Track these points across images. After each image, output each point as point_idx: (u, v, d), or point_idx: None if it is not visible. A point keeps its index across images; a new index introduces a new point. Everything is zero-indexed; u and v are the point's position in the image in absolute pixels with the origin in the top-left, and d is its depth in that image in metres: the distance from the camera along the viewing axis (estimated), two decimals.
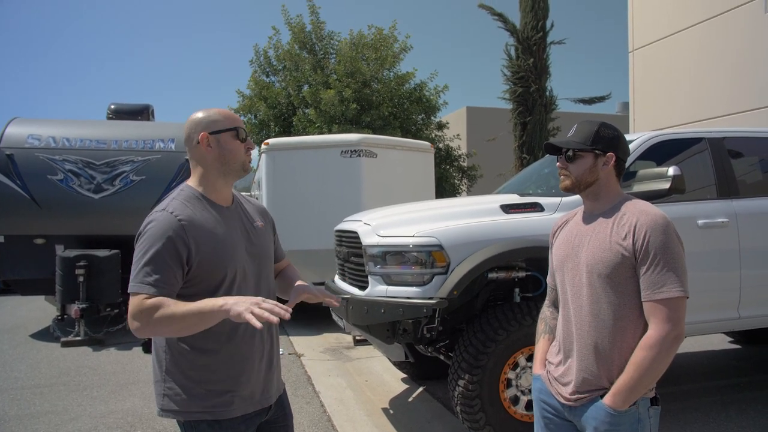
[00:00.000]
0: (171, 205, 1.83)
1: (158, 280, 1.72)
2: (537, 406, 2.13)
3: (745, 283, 4.23)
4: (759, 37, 10.58)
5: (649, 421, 1.86)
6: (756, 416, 4.45)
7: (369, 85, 15.14)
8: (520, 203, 4.05)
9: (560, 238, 2.12)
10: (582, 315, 1.94)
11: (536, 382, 2.14)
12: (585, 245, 1.96)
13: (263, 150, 8.60)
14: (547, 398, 2.07)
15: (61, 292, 7.62)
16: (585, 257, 1.94)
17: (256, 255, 1.96)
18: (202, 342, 1.82)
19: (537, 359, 2.17)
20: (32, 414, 4.87)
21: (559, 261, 2.07)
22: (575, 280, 1.98)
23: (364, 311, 3.82)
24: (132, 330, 1.75)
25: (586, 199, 2.04)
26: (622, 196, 2.00)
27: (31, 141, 8.31)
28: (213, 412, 1.83)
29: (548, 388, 2.06)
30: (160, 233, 1.75)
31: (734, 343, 6.89)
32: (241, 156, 1.93)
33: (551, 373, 2.06)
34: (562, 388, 1.99)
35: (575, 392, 1.93)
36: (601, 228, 1.94)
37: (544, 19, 15.28)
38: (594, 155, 1.98)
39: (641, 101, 13.56)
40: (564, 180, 2.03)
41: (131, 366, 6.47)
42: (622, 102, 28.97)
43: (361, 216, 4.59)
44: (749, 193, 4.49)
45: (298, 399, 5.11)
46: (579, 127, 2.03)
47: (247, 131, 1.97)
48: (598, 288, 1.89)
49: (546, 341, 2.18)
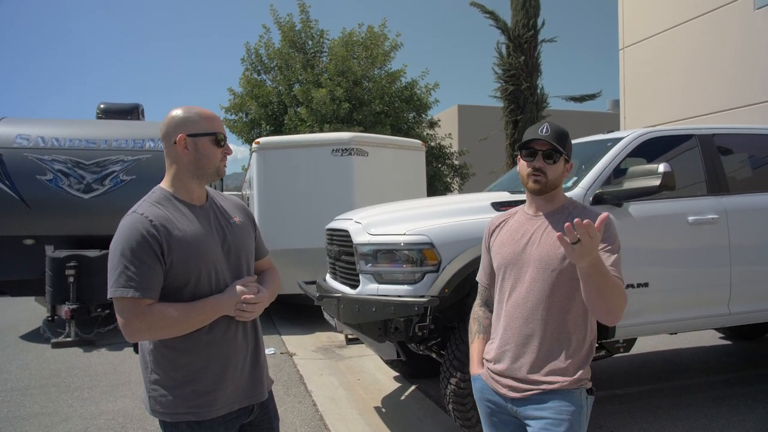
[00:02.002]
0: (141, 207, 1.84)
1: (140, 282, 1.72)
2: (481, 406, 2.14)
3: (735, 280, 4.25)
4: (749, 35, 10.64)
5: (587, 409, 1.99)
6: (746, 411, 4.48)
7: (360, 83, 15.13)
8: (511, 201, 4.05)
9: (501, 237, 2.14)
10: (531, 309, 1.98)
11: (477, 382, 2.15)
12: (536, 242, 2.01)
13: (254, 149, 8.57)
14: (490, 396, 2.08)
15: (51, 292, 7.57)
16: (537, 253, 1.99)
17: (232, 252, 1.95)
18: (184, 342, 1.82)
19: (474, 359, 2.18)
20: (22, 416, 4.84)
21: (504, 259, 2.08)
22: (523, 276, 2.01)
23: (355, 310, 3.82)
24: (124, 334, 1.76)
25: (541, 201, 2.07)
26: (568, 200, 2.11)
27: (20, 141, 8.24)
28: (197, 412, 1.83)
29: (490, 385, 2.07)
30: (132, 233, 1.75)
31: (724, 339, 6.93)
32: (216, 162, 1.91)
33: (492, 370, 2.07)
34: (506, 381, 2.01)
35: (525, 384, 1.97)
36: (553, 226, 2.00)
37: (535, 17, 15.32)
38: (564, 160, 2.04)
39: (632, 99, 13.62)
40: (538, 181, 2.02)
41: (122, 367, 6.43)
42: (612, 99, 29.11)
43: (353, 214, 4.58)
44: (739, 189, 4.51)
45: (290, 398, 5.09)
46: (552, 127, 2.02)
47: (225, 137, 1.95)
48: (549, 281, 1.96)
49: (481, 341, 2.19)
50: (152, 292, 1.75)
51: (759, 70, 10.44)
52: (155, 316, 1.73)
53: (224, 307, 1.85)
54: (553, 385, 1.94)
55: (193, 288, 1.83)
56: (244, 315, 1.89)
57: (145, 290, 1.73)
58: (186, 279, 1.81)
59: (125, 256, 1.73)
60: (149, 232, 1.76)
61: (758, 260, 4.38)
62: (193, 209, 1.91)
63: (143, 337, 1.80)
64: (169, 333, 1.78)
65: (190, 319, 1.78)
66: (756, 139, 4.90)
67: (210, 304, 1.82)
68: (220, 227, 1.95)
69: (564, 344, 1.97)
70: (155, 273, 1.75)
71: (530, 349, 1.98)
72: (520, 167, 2.10)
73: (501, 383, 2.03)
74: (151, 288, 1.74)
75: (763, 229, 4.42)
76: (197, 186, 1.94)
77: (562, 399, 1.93)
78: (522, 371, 1.98)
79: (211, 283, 1.86)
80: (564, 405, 1.93)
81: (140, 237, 1.74)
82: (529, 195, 2.11)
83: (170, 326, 1.76)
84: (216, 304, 1.83)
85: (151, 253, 1.75)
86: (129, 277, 1.72)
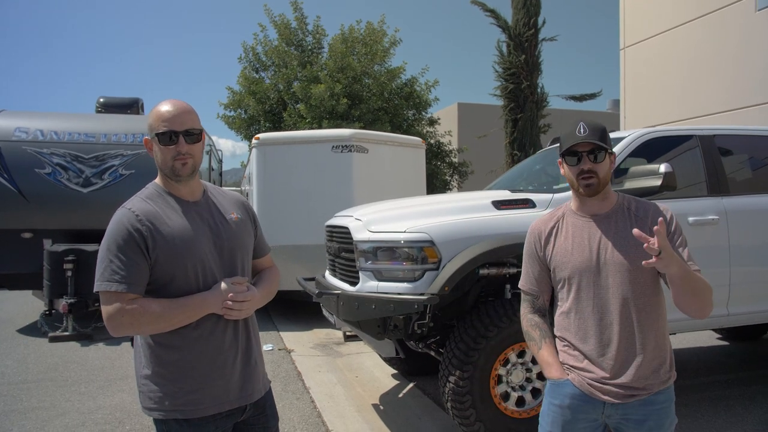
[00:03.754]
0: (130, 202, 1.85)
1: (124, 276, 1.73)
2: (563, 413, 2.05)
3: (735, 281, 4.25)
4: (750, 36, 10.64)
5: (674, 400, 2.04)
6: (743, 412, 4.49)
7: (359, 80, 15.11)
8: (511, 199, 4.05)
9: (562, 245, 2.07)
10: (623, 314, 1.96)
11: (565, 387, 2.05)
12: (608, 246, 1.98)
13: (254, 145, 8.55)
14: (581, 402, 2.01)
15: (49, 286, 7.56)
16: (615, 258, 1.97)
17: (225, 249, 1.93)
18: (170, 338, 1.81)
19: (553, 364, 2.08)
20: (19, 410, 4.83)
21: (575, 267, 2.02)
22: (604, 282, 1.98)
23: (355, 307, 3.81)
24: (108, 329, 1.76)
25: (595, 200, 2.03)
26: (619, 195, 2.07)
27: (19, 134, 8.22)
28: (183, 410, 1.82)
29: (585, 392, 2.00)
30: (119, 228, 1.77)
31: (722, 340, 6.94)
32: (168, 162, 1.86)
33: (589, 378, 2.00)
34: (608, 388, 1.97)
35: (631, 390, 1.95)
36: (620, 226, 1.98)
37: (536, 16, 15.32)
38: (608, 155, 2.02)
39: (632, 98, 13.62)
40: (590, 183, 1.98)
41: (120, 361, 6.43)
42: (612, 99, 29.14)
43: (353, 211, 4.57)
44: (739, 190, 4.51)
45: (288, 395, 5.09)
46: (589, 125, 1.99)
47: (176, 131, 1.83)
48: (636, 284, 1.95)
49: (551, 345, 2.12)
50: (136, 287, 1.75)
51: (759, 72, 10.45)
52: (138, 311, 1.72)
53: (210, 305, 1.83)
54: (658, 387, 1.97)
55: (180, 284, 1.82)
56: (231, 313, 1.86)
57: (130, 285, 1.73)
58: (171, 275, 1.81)
59: (111, 251, 1.74)
60: (134, 227, 1.76)
61: (757, 262, 4.39)
62: (184, 205, 1.90)
63: (127, 332, 1.77)
64: (153, 329, 1.77)
65: (174, 316, 1.77)
66: (756, 140, 4.90)
67: (195, 302, 1.80)
68: (214, 224, 1.93)
69: (660, 343, 1.99)
70: (140, 268, 1.76)
71: (632, 355, 1.96)
72: (565, 172, 2.05)
73: (603, 390, 1.97)
74: (135, 283, 1.74)
75: (763, 231, 4.43)
76: (179, 184, 1.91)
77: (663, 396, 1.98)
78: (627, 377, 1.95)
79: (198, 279, 1.84)
80: (665, 402, 1.99)
81: (125, 232, 1.75)
82: (578, 197, 2.07)
83: (153, 322, 1.75)
84: (202, 302, 1.81)
85: (136, 248, 1.75)
86: (114, 271, 1.73)
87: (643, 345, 1.96)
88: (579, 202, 2.08)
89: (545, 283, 2.16)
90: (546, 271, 2.14)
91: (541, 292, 2.18)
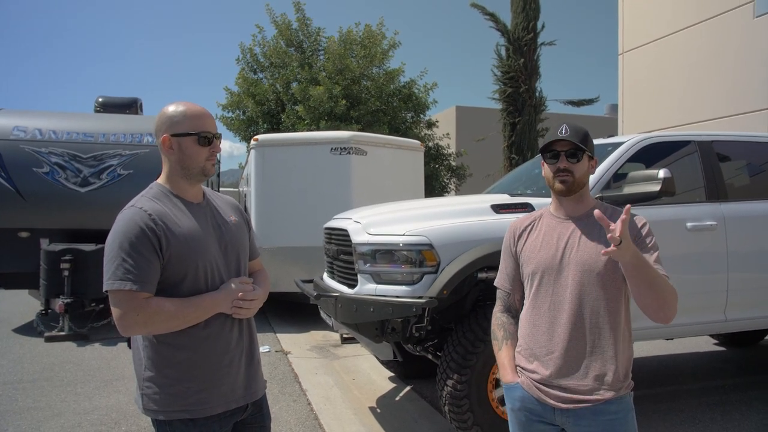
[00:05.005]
0: (139, 202, 1.84)
1: (138, 275, 1.72)
2: (518, 415, 2.05)
3: (732, 287, 4.26)
4: (748, 42, 10.66)
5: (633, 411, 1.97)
6: (740, 418, 4.49)
7: (358, 82, 15.12)
8: (510, 203, 4.05)
9: (533, 242, 2.09)
10: (577, 315, 1.94)
11: (515, 390, 2.05)
12: (574, 246, 1.98)
13: (252, 146, 8.55)
14: (532, 405, 2.00)
15: (46, 286, 7.54)
16: (578, 257, 1.96)
17: (229, 250, 1.95)
18: (179, 338, 1.81)
19: (507, 367, 2.09)
20: (15, 410, 4.81)
21: (540, 263, 2.03)
22: (563, 281, 1.97)
23: (353, 309, 3.81)
24: (119, 328, 1.75)
25: (570, 201, 2.05)
26: (598, 201, 2.09)
27: (17, 133, 8.20)
28: (191, 410, 1.82)
29: (533, 395, 2.00)
30: (131, 227, 1.75)
31: (719, 346, 6.95)
32: (200, 162, 1.89)
33: (536, 379, 1.99)
34: (554, 392, 1.95)
35: (577, 395, 1.91)
36: (589, 229, 1.98)
37: (535, 20, 15.35)
38: (587, 157, 2.03)
39: (630, 104, 13.63)
40: (565, 180, 2.00)
41: (116, 362, 6.41)
42: (610, 104, 29.18)
43: (351, 214, 4.56)
44: (737, 196, 4.52)
45: (284, 397, 5.08)
46: (572, 127, 2.02)
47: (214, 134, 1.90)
48: (595, 285, 1.93)
49: (510, 348, 2.13)
50: (150, 286, 1.75)
51: (758, 78, 10.48)
52: (152, 310, 1.73)
53: (221, 304, 1.85)
54: (607, 394, 1.90)
55: (190, 284, 1.83)
56: (240, 312, 1.89)
57: (143, 283, 1.72)
58: (183, 274, 1.81)
59: (123, 249, 1.73)
60: (148, 225, 1.76)
61: (755, 267, 4.40)
62: (190, 206, 1.91)
63: (138, 331, 1.78)
64: (165, 328, 1.77)
65: (187, 315, 1.78)
66: (755, 146, 4.91)
67: (207, 301, 1.82)
68: (217, 225, 1.95)
69: (615, 349, 1.93)
70: (153, 267, 1.75)
71: (580, 356, 1.93)
72: (545, 171, 2.08)
73: (548, 393, 1.96)
74: (148, 281, 1.74)
75: (761, 237, 4.43)
76: (188, 185, 1.93)
77: (615, 405, 1.91)
78: (574, 380, 1.93)
79: (207, 279, 1.86)
80: (618, 412, 1.92)
81: (139, 230, 1.74)
82: (556, 197, 2.09)
83: (166, 321, 1.75)
84: (213, 301, 1.84)
85: (150, 246, 1.75)
86: (127, 269, 1.71)
87: (593, 348, 1.93)
88: (556, 204, 2.10)
89: (518, 280, 2.17)
90: (518, 268, 2.15)
91: (513, 290, 2.19)
